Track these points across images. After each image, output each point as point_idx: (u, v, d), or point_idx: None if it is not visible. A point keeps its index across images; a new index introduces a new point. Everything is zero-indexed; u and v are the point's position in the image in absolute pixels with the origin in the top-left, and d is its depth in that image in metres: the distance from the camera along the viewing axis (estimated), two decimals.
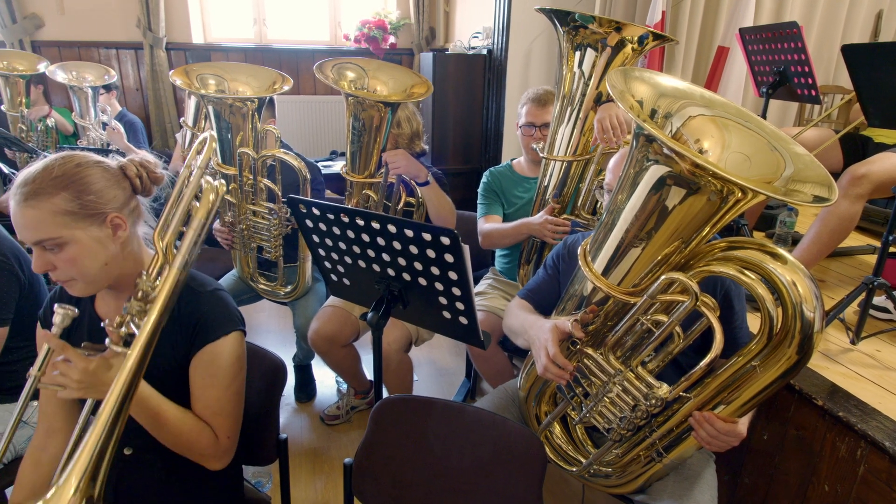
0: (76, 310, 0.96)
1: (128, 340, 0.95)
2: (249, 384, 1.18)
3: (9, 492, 1.53)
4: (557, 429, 1.39)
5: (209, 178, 0.97)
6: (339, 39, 4.87)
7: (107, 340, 0.95)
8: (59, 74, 3.19)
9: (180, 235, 0.97)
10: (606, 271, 1.06)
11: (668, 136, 0.92)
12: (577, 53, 1.68)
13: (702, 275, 0.97)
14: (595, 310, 1.12)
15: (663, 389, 1.04)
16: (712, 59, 3.27)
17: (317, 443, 2.23)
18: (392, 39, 4.69)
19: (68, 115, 3.56)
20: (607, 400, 1.12)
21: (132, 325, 0.94)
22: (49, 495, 0.80)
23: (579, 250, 1.12)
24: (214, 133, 2.29)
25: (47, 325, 1.09)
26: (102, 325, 0.96)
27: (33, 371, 0.95)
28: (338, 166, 3.60)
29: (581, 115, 1.74)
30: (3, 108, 3.31)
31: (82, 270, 0.98)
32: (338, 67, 1.92)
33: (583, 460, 1.33)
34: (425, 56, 4.12)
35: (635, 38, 1.60)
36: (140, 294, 0.94)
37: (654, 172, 0.91)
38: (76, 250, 0.96)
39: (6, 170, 2.17)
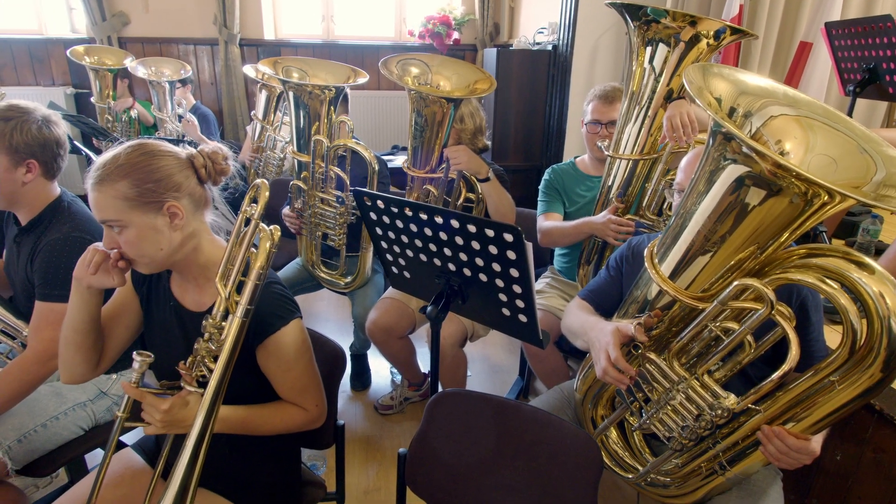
0: (152, 356, 1.02)
1: (200, 380, 1.03)
2: None
3: (89, 457, 1.65)
4: (614, 434, 1.36)
5: (264, 226, 1.00)
6: (403, 35, 4.92)
7: (181, 381, 1.03)
8: (140, 70, 3.38)
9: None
10: (674, 275, 1.03)
11: (746, 136, 0.88)
12: (648, 49, 1.63)
13: (778, 282, 0.92)
14: (660, 314, 1.09)
15: (731, 400, 0.99)
16: (793, 56, 3.10)
17: (370, 431, 2.28)
18: (456, 35, 4.70)
19: (149, 108, 3.77)
20: (669, 407, 1.08)
21: (203, 367, 1.01)
22: None
23: (646, 252, 1.09)
24: (288, 125, 2.37)
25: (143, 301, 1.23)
26: (172, 304, 1.04)
27: (119, 413, 1.04)
28: (399, 161, 3.65)
29: (650, 113, 1.69)
30: (92, 99, 3.54)
31: (140, 252, 1.05)
32: (402, 63, 1.95)
33: (639, 468, 1.29)
34: (489, 52, 4.10)
35: (711, 33, 1.54)
36: (207, 336, 1.00)
37: (732, 172, 0.87)
38: (134, 234, 1.03)
39: (94, 157, 2.32)
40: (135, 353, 1.00)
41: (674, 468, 1.20)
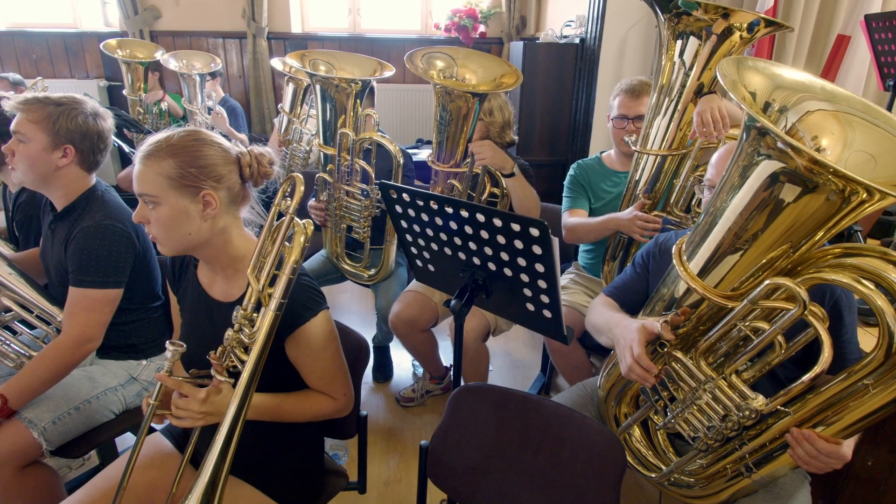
0: (184, 346, 1.03)
1: (230, 370, 1.05)
2: None
3: (119, 440, 1.69)
4: (637, 432, 1.35)
5: (298, 220, 1.00)
6: (429, 29, 4.91)
7: (212, 370, 1.04)
8: (172, 62, 3.44)
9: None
10: (703, 272, 1.01)
11: (782, 131, 0.86)
12: (679, 42, 1.59)
13: (812, 282, 0.90)
14: (687, 312, 1.07)
15: (759, 401, 0.97)
16: (830, 49, 3.00)
17: (391, 422, 2.29)
18: (482, 28, 4.67)
19: (179, 100, 3.84)
20: (695, 407, 1.07)
21: (233, 356, 1.02)
22: None
23: (674, 249, 1.07)
24: (316, 119, 2.37)
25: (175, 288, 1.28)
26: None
27: (150, 400, 1.05)
28: (423, 154, 3.65)
29: (679, 108, 1.66)
30: (124, 92, 3.62)
31: (166, 233, 1.08)
32: (427, 57, 1.94)
33: (663, 467, 1.28)
34: (515, 45, 4.07)
35: (744, 26, 1.50)
36: (237, 326, 1.01)
37: (766, 168, 0.85)
38: (166, 213, 1.06)
39: (126, 148, 2.38)
40: (168, 342, 1.02)
41: (698, 468, 1.19)
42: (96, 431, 1.51)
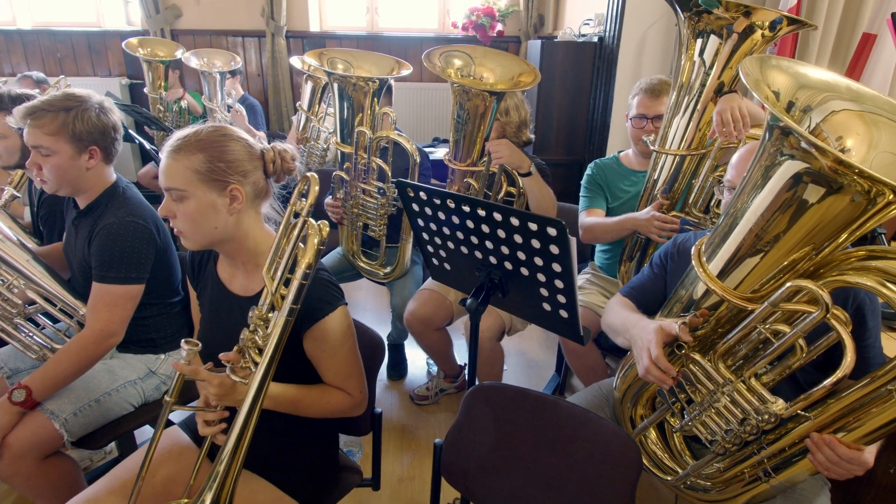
0: (199, 345, 1.03)
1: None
2: None
3: (138, 433, 1.72)
4: (653, 434, 1.34)
5: (312, 222, 0.98)
6: (446, 27, 4.91)
7: (227, 370, 1.04)
8: (193, 60, 3.48)
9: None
10: (723, 274, 1.00)
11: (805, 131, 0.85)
12: (699, 41, 1.57)
13: (834, 285, 0.88)
14: (706, 314, 1.06)
15: (778, 405, 0.96)
16: (854, 48, 2.94)
17: (405, 420, 2.30)
18: (500, 27, 4.66)
19: (198, 98, 3.88)
20: (713, 410, 1.05)
21: (249, 357, 1.02)
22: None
23: (693, 250, 1.06)
24: (334, 116, 2.39)
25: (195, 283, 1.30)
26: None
27: (167, 398, 1.06)
28: (439, 153, 3.65)
29: (699, 107, 1.64)
30: (145, 90, 3.67)
31: (192, 226, 1.09)
32: (445, 56, 1.94)
33: (679, 470, 1.27)
34: (533, 44, 4.05)
35: (766, 24, 1.47)
36: (252, 327, 1.01)
37: (789, 168, 0.84)
38: (193, 207, 1.07)
39: (147, 145, 2.41)
40: (183, 341, 1.03)
41: (715, 472, 1.17)
42: (116, 424, 1.53)
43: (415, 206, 1.32)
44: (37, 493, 1.42)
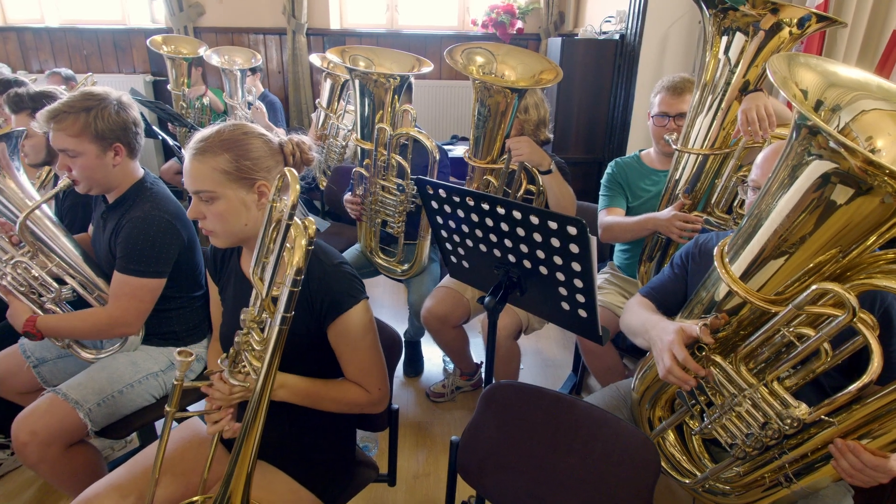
0: (194, 355, 1.04)
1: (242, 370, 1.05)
2: None
3: (158, 423, 1.75)
4: (672, 437, 1.32)
5: (297, 221, 0.88)
6: (466, 24, 4.90)
7: (226, 373, 1.05)
8: (215, 58, 3.53)
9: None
10: (746, 275, 0.98)
11: (834, 130, 0.83)
12: (724, 38, 1.55)
13: (862, 288, 0.87)
14: (726, 318, 1.04)
15: (802, 410, 0.94)
16: (884, 45, 2.87)
17: (421, 417, 2.31)
18: (519, 24, 4.63)
19: (220, 95, 3.93)
20: (733, 413, 1.04)
21: (245, 360, 1.01)
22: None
23: (716, 251, 1.05)
24: (355, 113, 2.40)
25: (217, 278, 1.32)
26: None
27: (167, 408, 1.06)
28: (458, 151, 3.64)
29: (723, 106, 1.61)
30: (168, 87, 3.73)
31: (224, 225, 1.11)
32: (467, 52, 1.94)
33: (697, 473, 1.25)
34: (553, 41, 4.02)
35: (794, 21, 1.45)
36: (245, 330, 0.99)
37: (817, 168, 0.82)
38: (224, 206, 1.09)
39: (170, 141, 2.44)
40: (175, 352, 1.02)
41: (734, 476, 1.16)
42: (137, 414, 1.56)
43: (434, 204, 1.32)
44: (61, 480, 1.46)
